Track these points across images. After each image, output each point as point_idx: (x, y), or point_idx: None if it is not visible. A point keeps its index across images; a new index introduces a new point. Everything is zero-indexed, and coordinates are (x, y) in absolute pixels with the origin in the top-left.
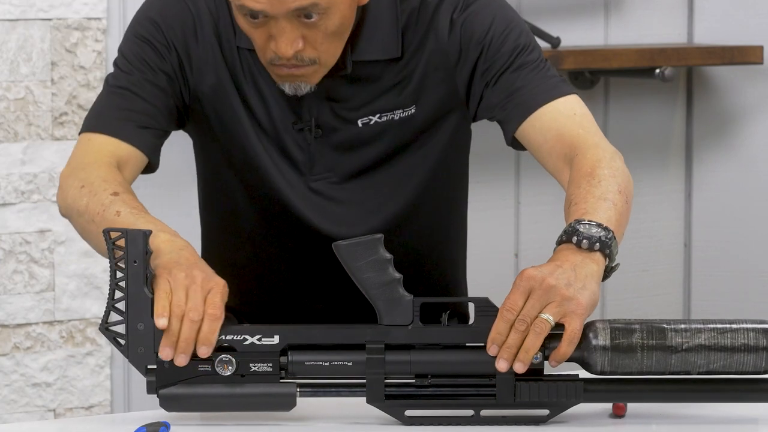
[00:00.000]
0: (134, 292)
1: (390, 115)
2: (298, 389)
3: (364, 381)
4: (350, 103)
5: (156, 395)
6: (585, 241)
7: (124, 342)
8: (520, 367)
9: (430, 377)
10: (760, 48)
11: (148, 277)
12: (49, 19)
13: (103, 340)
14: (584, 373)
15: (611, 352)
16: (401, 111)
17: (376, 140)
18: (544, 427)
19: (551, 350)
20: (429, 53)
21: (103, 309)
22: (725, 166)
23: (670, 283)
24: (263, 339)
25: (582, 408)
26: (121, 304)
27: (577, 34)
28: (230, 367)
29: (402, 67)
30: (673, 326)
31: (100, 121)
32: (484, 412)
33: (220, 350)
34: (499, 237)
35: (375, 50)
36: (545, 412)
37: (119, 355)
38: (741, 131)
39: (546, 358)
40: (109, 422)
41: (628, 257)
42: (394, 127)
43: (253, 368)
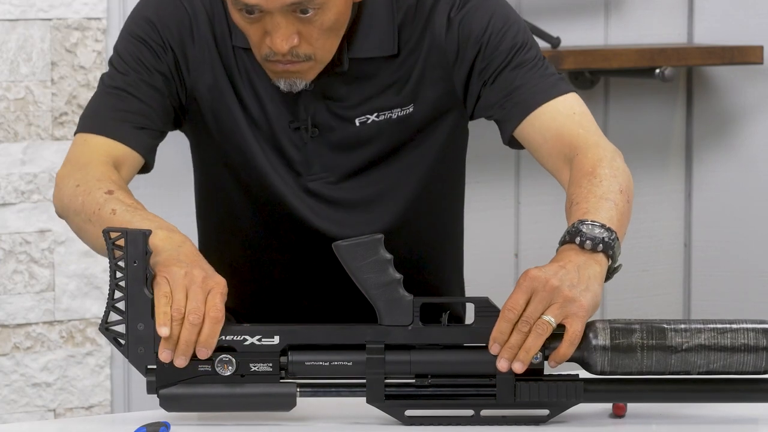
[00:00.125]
0: (134, 292)
1: (388, 114)
2: (298, 389)
3: (364, 381)
4: (347, 102)
5: (156, 395)
6: (588, 242)
7: (124, 342)
8: (519, 367)
9: (430, 377)
10: (760, 48)
11: (148, 277)
12: (49, 19)
13: (103, 340)
14: (584, 373)
15: (611, 352)
16: (399, 110)
17: (374, 139)
18: (544, 427)
19: (551, 350)
20: (426, 51)
21: (103, 309)
22: (725, 166)
23: (670, 283)
24: (263, 339)
25: (582, 408)
26: (121, 304)
27: (577, 34)
28: (230, 367)
29: (399, 65)
30: (673, 326)
31: (96, 122)
32: (484, 412)
33: (220, 350)
34: (499, 237)
35: (371, 47)
36: (545, 412)
37: (119, 355)
38: (741, 131)
39: (546, 358)
40: (109, 422)
41: (628, 257)
42: (392, 126)
43: (253, 368)
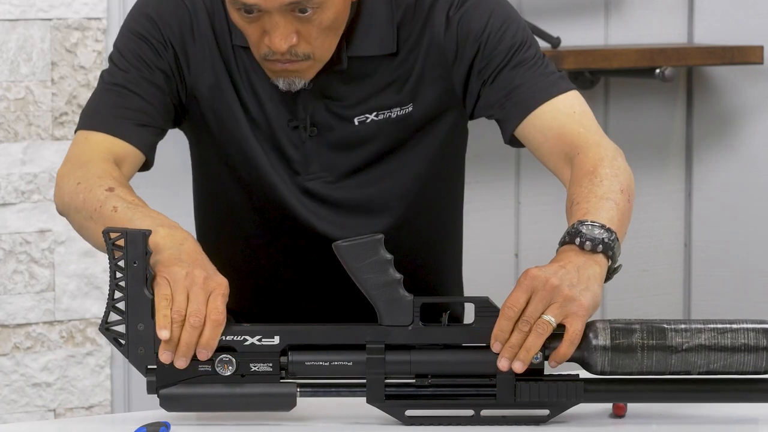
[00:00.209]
0: (134, 292)
1: (387, 113)
2: (298, 389)
3: (365, 381)
4: (346, 101)
5: (156, 395)
6: (588, 243)
7: (124, 342)
8: (519, 367)
9: (430, 377)
10: (760, 48)
11: (148, 277)
12: (49, 19)
13: (103, 340)
14: (584, 373)
15: (611, 352)
16: (398, 109)
17: (373, 139)
18: (544, 427)
19: (552, 350)
20: (425, 50)
21: (103, 309)
22: (725, 166)
23: (670, 283)
24: (263, 339)
25: (582, 408)
26: (121, 304)
27: (577, 34)
28: (230, 367)
29: (398, 64)
30: (673, 326)
31: (97, 119)
32: (485, 412)
33: (221, 350)
34: (499, 237)
35: (370, 46)
36: (545, 412)
37: (119, 355)
38: (741, 131)
39: (546, 358)
40: (109, 422)
41: (628, 257)
42: (391, 126)
43: (254, 368)
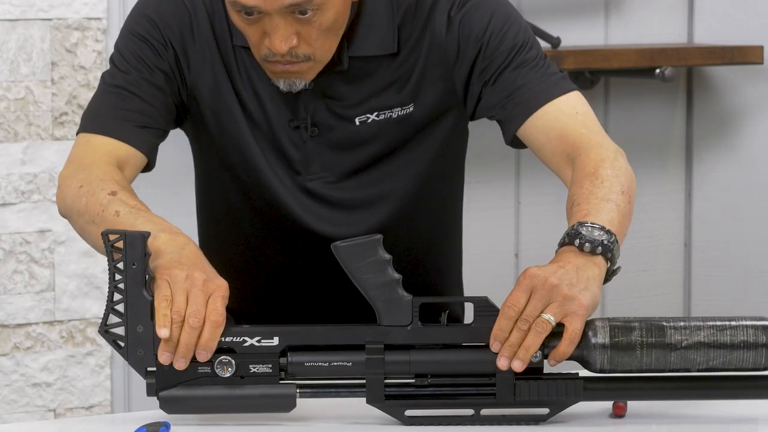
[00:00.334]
0: (133, 294)
1: (388, 113)
2: (298, 390)
3: (364, 381)
4: (347, 101)
5: (156, 397)
6: (587, 245)
7: (123, 344)
8: (518, 365)
9: (429, 377)
10: (760, 48)
11: (147, 279)
12: (49, 19)
13: (103, 340)
14: (584, 372)
15: (610, 350)
16: (399, 109)
17: (374, 139)
18: (544, 427)
19: (551, 349)
20: (426, 50)
21: (103, 309)
22: (725, 166)
23: (670, 283)
24: (263, 340)
25: (582, 408)
26: (120, 307)
27: (577, 34)
28: (230, 369)
29: (399, 64)
30: (672, 324)
31: (98, 122)
32: (484, 412)
33: (220, 352)
34: (499, 237)
35: (371, 46)
36: (545, 411)
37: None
38: (741, 131)
39: (545, 356)
40: (109, 422)
41: (628, 257)
42: (392, 126)
43: (253, 369)
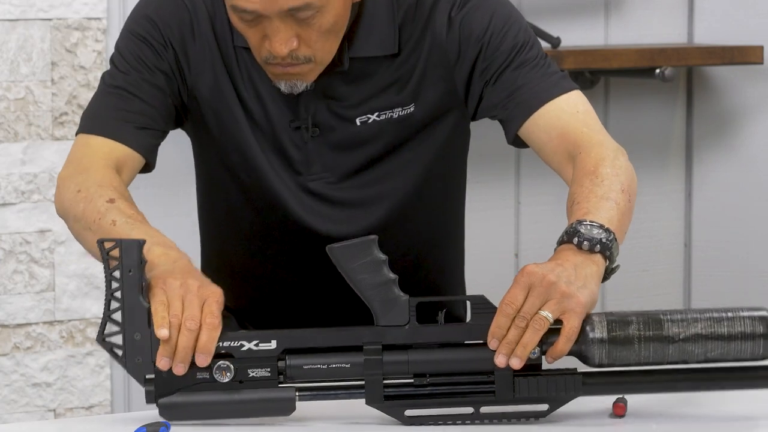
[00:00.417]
0: (130, 301)
1: (389, 114)
2: (297, 393)
3: (363, 382)
4: (348, 102)
5: (155, 405)
6: (586, 243)
7: (121, 353)
8: (516, 363)
9: (428, 376)
10: (760, 48)
11: (144, 286)
12: (49, 19)
13: None
14: (582, 367)
15: (608, 344)
16: (400, 109)
17: (374, 139)
18: (544, 426)
19: (549, 345)
20: (427, 50)
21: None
22: (725, 166)
23: (670, 283)
24: (260, 344)
25: (582, 407)
26: (118, 315)
27: (577, 34)
28: (228, 374)
29: (400, 65)
30: (669, 316)
31: (98, 123)
32: (484, 409)
33: (218, 357)
34: (499, 237)
35: (372, 46)
36: (545, 407)
37: None
38: (741, 131)
39: (544, 353)
40: (109, 422)
41: (628, 257)
42: (393, 126)
43: (252, 374)
